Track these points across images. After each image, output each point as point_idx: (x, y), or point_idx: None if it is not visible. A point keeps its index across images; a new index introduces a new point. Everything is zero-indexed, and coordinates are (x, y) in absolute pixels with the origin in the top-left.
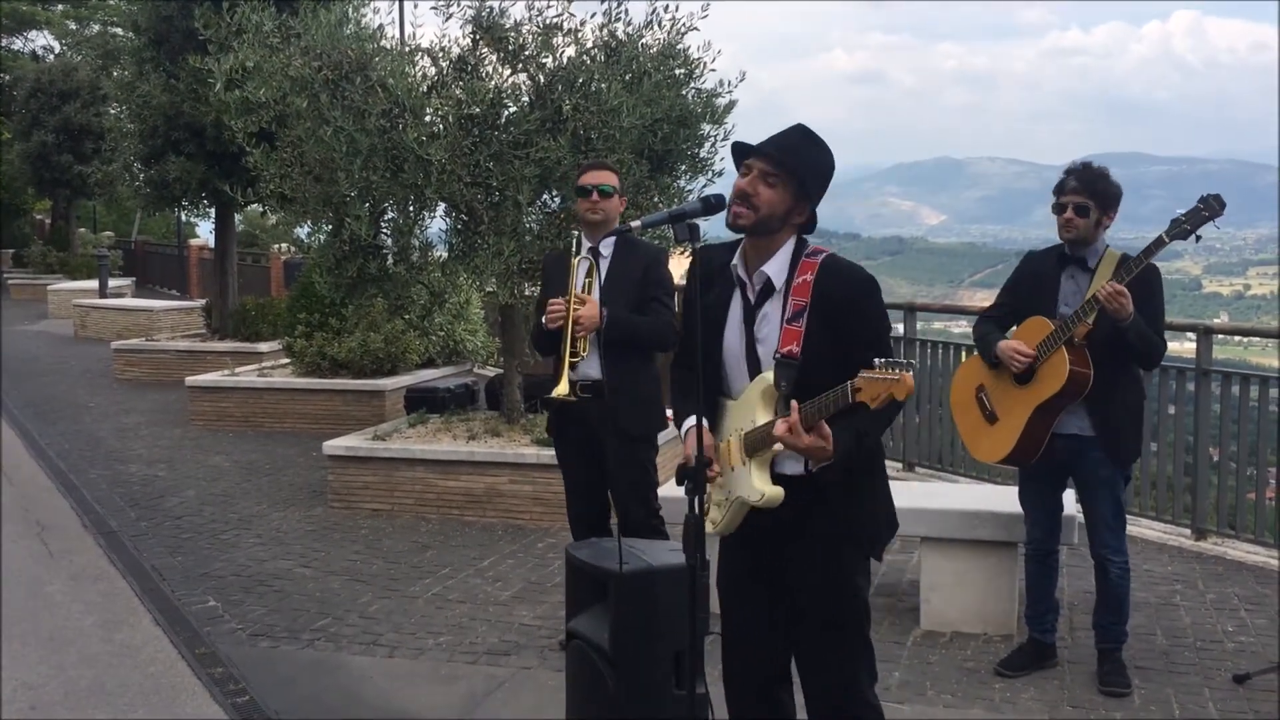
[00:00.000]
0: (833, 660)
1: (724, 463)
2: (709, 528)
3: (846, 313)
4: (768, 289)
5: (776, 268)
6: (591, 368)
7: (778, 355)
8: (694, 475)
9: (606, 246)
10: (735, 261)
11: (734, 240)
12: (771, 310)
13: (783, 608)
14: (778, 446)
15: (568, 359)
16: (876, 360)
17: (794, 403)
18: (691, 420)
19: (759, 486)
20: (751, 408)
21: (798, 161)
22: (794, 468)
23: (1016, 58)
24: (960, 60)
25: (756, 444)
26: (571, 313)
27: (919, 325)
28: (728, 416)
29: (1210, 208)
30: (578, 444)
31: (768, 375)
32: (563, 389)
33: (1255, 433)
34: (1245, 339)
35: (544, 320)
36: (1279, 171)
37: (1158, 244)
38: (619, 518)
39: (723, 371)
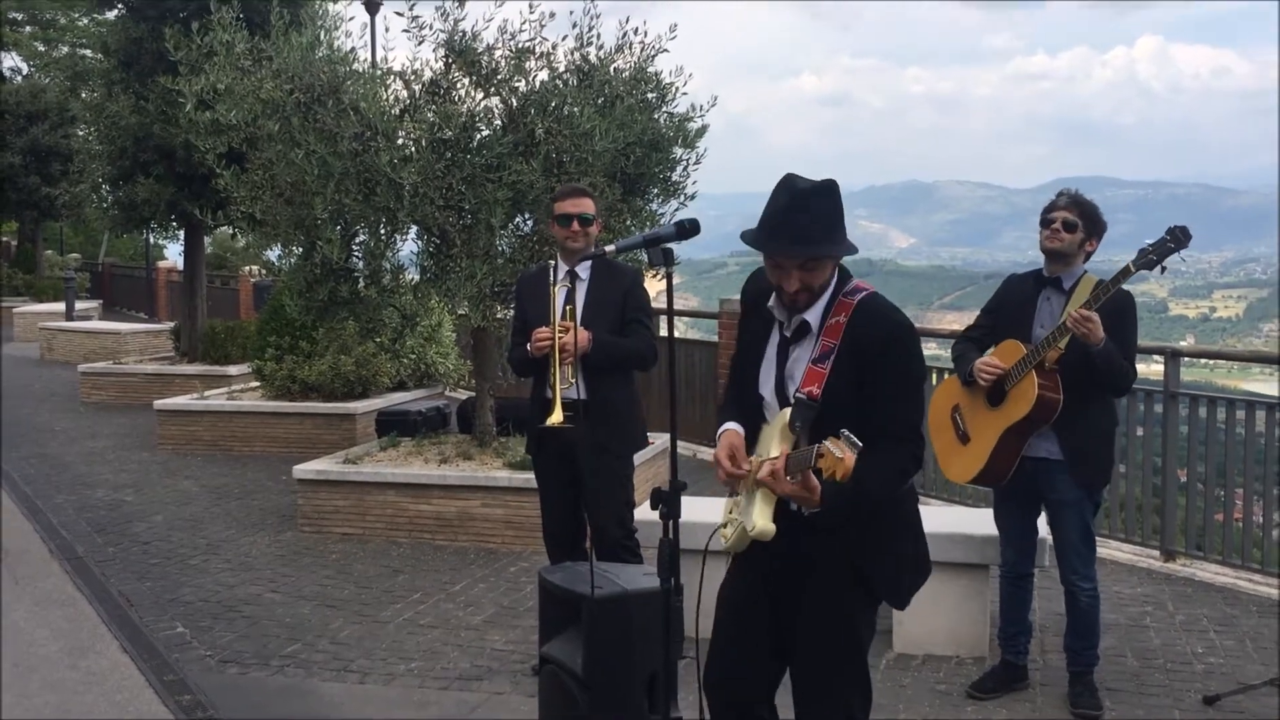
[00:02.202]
0: (826, 696)
1: (745, 484)
2: (721, 542)
3: (874, 358)
4: (803, 329)
5: (815, 314)
6: (572, 388)
7: (798, 394)
8: (668, 500)
9: (584, 270)
10: (771, 304)
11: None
12: (804, 350)
13: (777, 636)
14: None
15: (559, 387)
16: (843, 432)
17: (784, 449)
18: (728, 425)
19: (755, 519)
20: (771, 440)
21: (824, 245)
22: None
23: (983, 82)
24: (928, 84)
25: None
26: (557, 340)
27: None
28: (760, 443)
29: (1176, 239)
30: (555, 461)
31: (787, 412)
32: (557, 417)
33: (1223, 454)
34: (1211, 361)
35: (529, 348)
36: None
37: (1124, 273)
38: (593, 535)
39: (760, 401)
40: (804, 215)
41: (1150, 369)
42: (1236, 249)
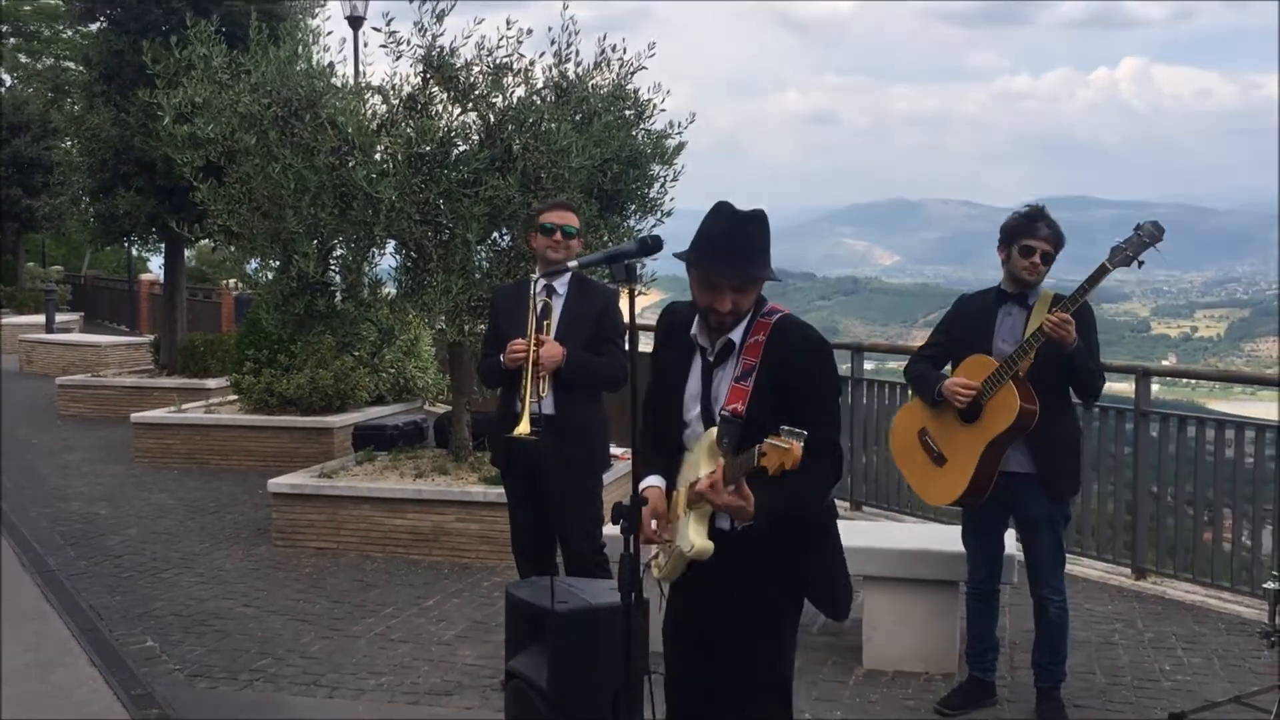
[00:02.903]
0: (746, 703)
1: (673, 513)
2: (655, 573)
3: (794, 374)
4: (727, 350)
5: (738, 334)
6: (543, 404)
7: (723, 412)
8: (629, 514)
9: (561, 285)
10: (695, 331)
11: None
12: (726, 371)
13: (704, 658)
14: None
15: (529, 399)
16: (783, 428)
17: (720, 460)
18: (649, 480)
19: (692, 538)
20: (698, 462)
21: (760, 268)
22: (726, 522)
23: (968, 100)
24: (912, 102)
25: (696, 498)
26: (532, 353)
27: (870, 365)
28: (683, 471)
29: (1149, 233)
30: (524, 478)
31: (713, 431)
32: (524, 428)
33: (1193, 472)
34: (1193, 381)
35: (503, 359)
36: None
37: (1101, 272)
38: (563, 553)
39: (684, 428)
40: (743, 239)
41: (1130, 387)
42: (1218, 269)
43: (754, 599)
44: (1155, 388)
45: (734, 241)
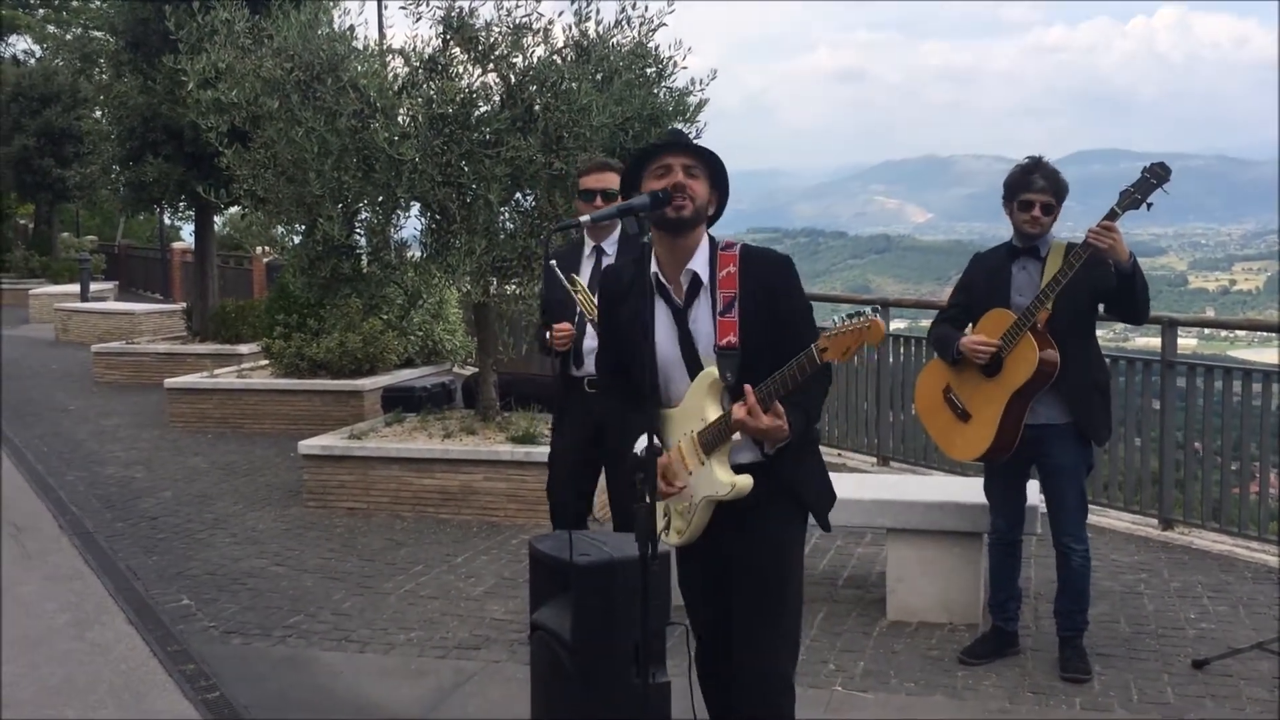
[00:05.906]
0: (760, 633)
1: (679, 470)
2: (674, 539)
3: (776, 296)
4: (695, 286)
5: (701, 264)
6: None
7: (718, 348)
8: (645, 465)
9: (610, 245)
10: (654, 270)
11: (633, 259)
12: (701, 307)
13: (725, 595)
14: (737, 436)
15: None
16: (835, 318)
17: (747, 386)
18: (643, 440)
19: (726, 479)
20: (699, 406)
21: (710, 154)
22: (748, 456)
23: (1000, 55)
24: (944, 57)
25: (714, 439)
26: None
27: (903, 323)
28: (672, 425)
29: (1157, 175)
30: (577, 432)
31: (712, 370)
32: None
33: (1220, 422)
34: (1231, 333)
35: (550, 340)
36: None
37: (1110, 216)
38: (612, 511)
39: (660, 379)
40: (693, 141)
41: (1153, 342)
42: (1257, 220)
43: (770, 520)
44: (1193, 342)
45: (683, 137)
